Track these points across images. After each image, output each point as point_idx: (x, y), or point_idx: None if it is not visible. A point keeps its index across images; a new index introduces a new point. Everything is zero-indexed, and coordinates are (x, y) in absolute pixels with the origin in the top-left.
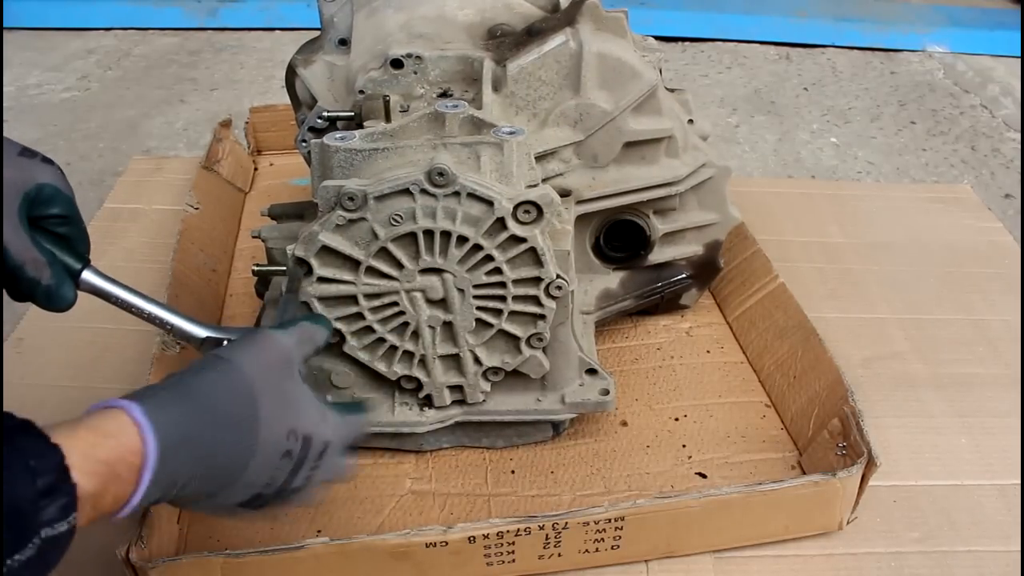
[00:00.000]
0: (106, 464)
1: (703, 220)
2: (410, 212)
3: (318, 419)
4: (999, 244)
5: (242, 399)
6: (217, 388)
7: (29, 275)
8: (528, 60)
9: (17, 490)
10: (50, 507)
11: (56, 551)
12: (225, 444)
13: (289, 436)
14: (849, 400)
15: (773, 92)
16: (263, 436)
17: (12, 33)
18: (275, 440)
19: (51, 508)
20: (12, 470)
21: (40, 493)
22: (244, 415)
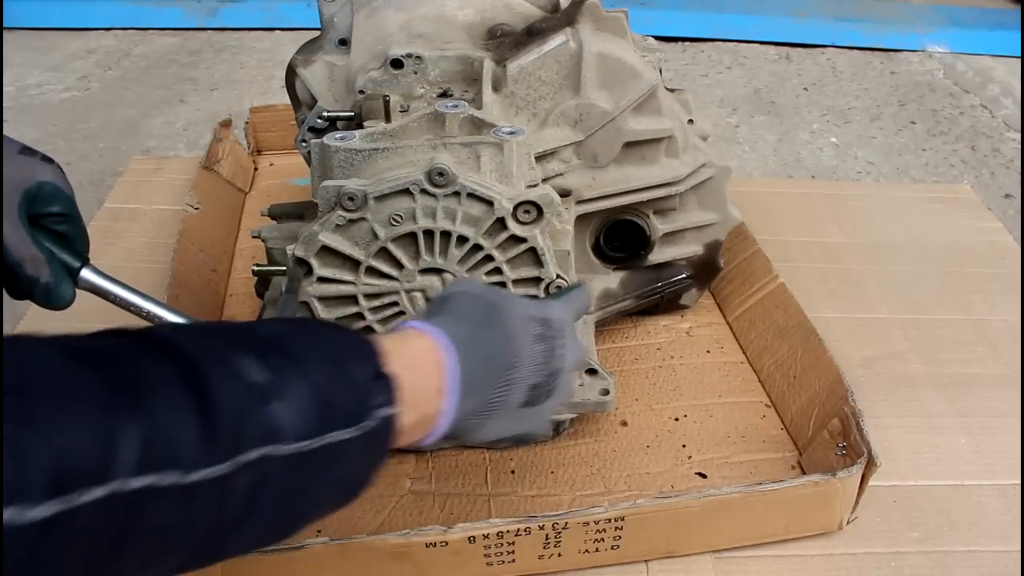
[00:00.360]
0: (413, 358)
1: (703, 220)
2: (410, 212)
3: (542, 305)
4: (999, 244)
5: (482, 304)
6: (462, 303)
7: (28, 273)
8: (528, 60)
9: (353, 370)
10: (379, 391)
11: (388, 432)
12: (488, 341)
13: (530, 323)
14: (849, 400)
15: (773, 92)
16: (513, 327)
17: (12, 33)
18: (522, 327)
19: (380, 392)
20: (348, 355)
21: (371, 377)
22: (491, 316)
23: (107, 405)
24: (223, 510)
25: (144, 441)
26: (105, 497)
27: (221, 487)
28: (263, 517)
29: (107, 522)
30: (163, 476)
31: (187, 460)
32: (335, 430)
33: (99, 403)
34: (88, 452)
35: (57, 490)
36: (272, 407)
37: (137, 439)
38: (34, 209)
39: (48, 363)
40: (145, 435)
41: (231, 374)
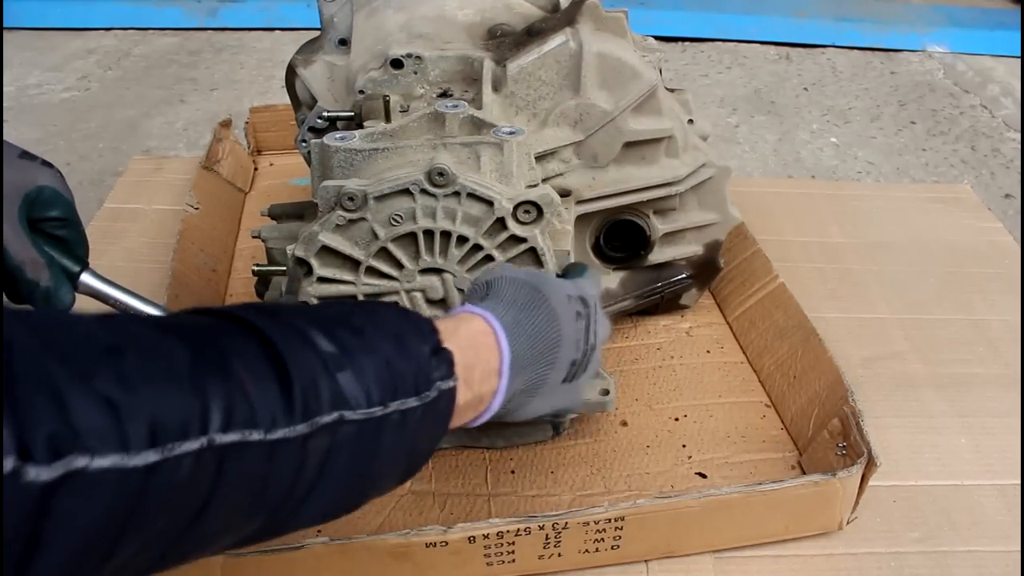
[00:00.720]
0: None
1: (703, 220)
2: (410, 212)
3: (577, 284)
4: (999, 244)
5: (526, 287)
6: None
7: (28, 276)
8: (528, 60)
9: (414, 345)
10: (440, 364)
11: (449, 403)
12: (535, 323)
13: (570, 302)
14: (849, 400)
15: (773, 92)
16: (556, 307)
17: (12, 33)
18: (564, 306)
19: (441, 365)
20: (409, 330)
21: (431, 351)
22: (535, 298)
23: (194, 368)
24: (301, 471)
25: (229, 401)
26: (198, 450)
27: (300, 447)
28: (335, 483)
29: (200, 473)
30: (248, 433)
31: (268, 420)
32: (400, 398)
33: (187, 367)
34: (180, 409)
35: (154, 441)
36: (342, 376)
37: (223, 400)
38: (34, 213)
39: (139, 330)
40: (230, 396)
41: (305, 344)
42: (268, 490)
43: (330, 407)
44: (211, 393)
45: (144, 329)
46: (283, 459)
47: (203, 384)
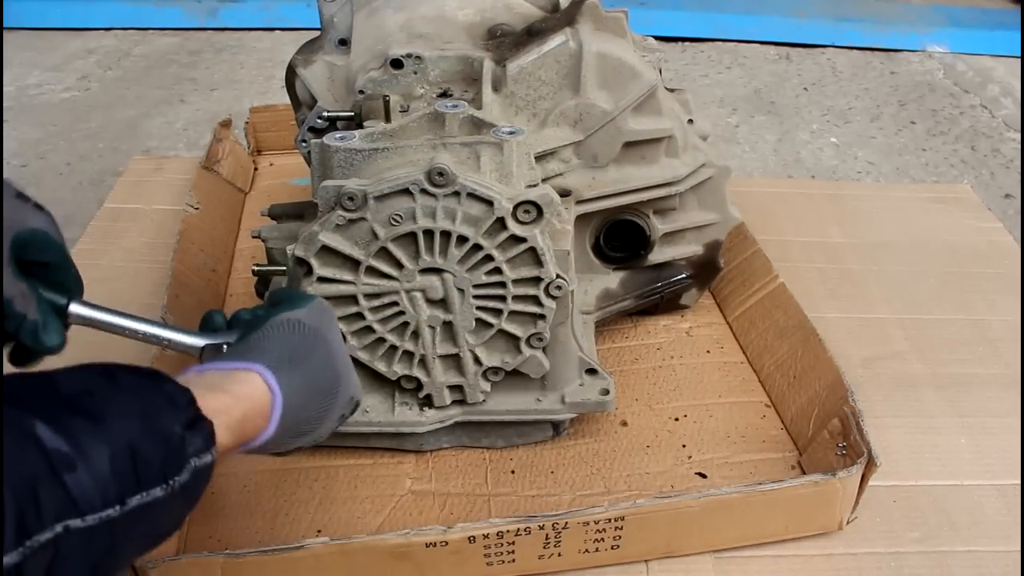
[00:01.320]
0: (240, 422)
1: (703, 220)
2: (410, 212)
3: (358, 383)
4: (999, 244)
5: (332, 373)
6: (318, 363)
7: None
8: (528, 60)
9: (165, 423)
10: (196, 438)
11: (203, 481)
12: (313, 411)
13: (349, 402)
14: (849, 400)
15: (773, 92)
16: (338, 403)
17: (12, 33)
18: (342, 407)
19: (196, 439)
20: (160, 406)
21: (185, 426)
22: (332, 388)
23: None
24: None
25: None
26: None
27: (17, 567)
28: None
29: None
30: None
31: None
32: (143, 490)
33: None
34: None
35: None
36: (71, 477)
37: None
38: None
39: None
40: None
41: (26, 444)
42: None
43: (53, 519)
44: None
45: None
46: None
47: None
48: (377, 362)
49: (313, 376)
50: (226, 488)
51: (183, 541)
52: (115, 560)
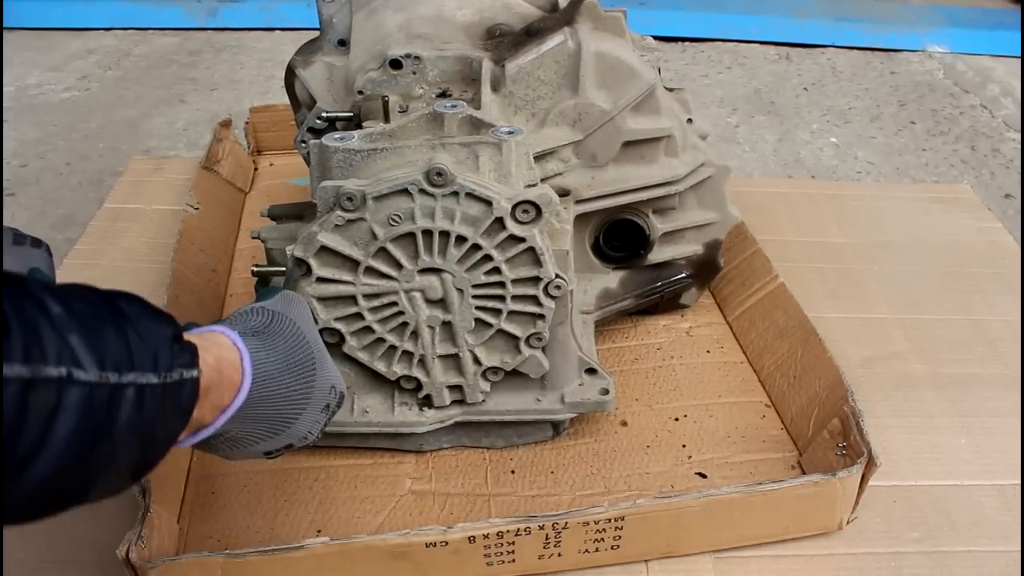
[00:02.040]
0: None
1: (703, 219)
2: (409, 212)
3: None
4: (999, 244)
5: (305, 351)
6: (289, 339)
7: None
8: (527, 60)
9: (157, 327)
10: (182, 352)
11: (191, 395)
12: (290, 390)
13: (331, 391)
14: (849, 400)
15: (773, 92)
16: (318, 387)
17: (12, 33)
18: (323, 394)
19: (184, 353)
20: (150, 316)
21: (173, 338)
22: (307, 366)
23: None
24: (22, 424)
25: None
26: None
27: (19, 394)
28: (61, 451)
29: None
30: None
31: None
32: (137, 371)
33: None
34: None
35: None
36: (72, 336)
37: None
38: None
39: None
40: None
41: (32, 303)
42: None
43: (56, 361)
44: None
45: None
46: (9, 398)
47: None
48: (377, 362)
49: (284, 350)
50: (226, 488)
51: (183, 541)
52: (112, 442)
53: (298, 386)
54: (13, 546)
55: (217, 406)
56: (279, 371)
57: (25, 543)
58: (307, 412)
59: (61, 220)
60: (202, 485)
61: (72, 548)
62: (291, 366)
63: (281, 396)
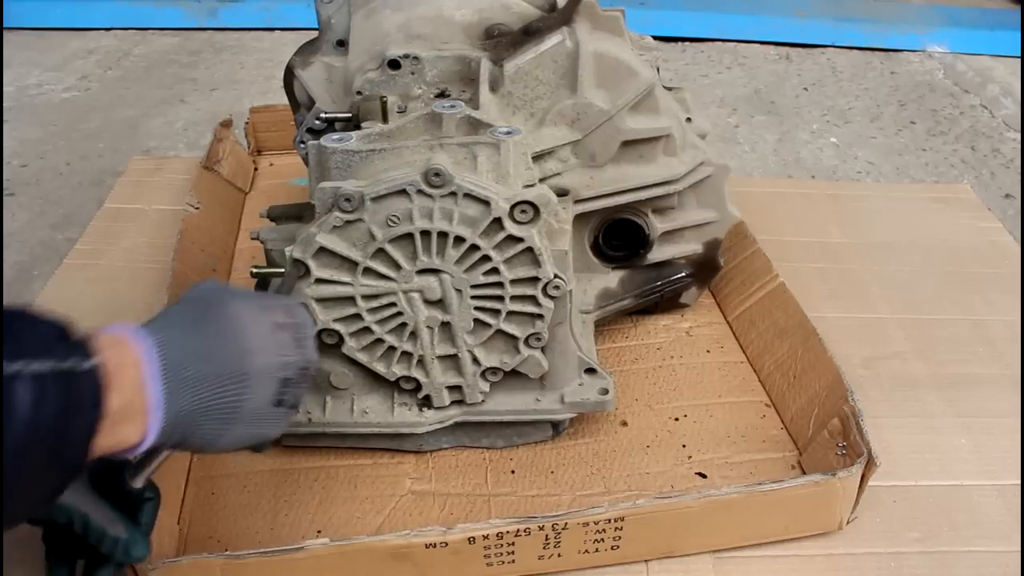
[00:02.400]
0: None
1: (702, 218)
2: (407, 213)
3: (278, 297)
4: (999, 244)
5: (194, 303)
6: (176, 307)
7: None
8: (525, 60)
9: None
10: (74, 347)
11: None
12: (203, 337)
13: (264, 311)
14: (849, 400)
15: (773, 92)
16: (236, 319)
17: (12, 33)
18: (251, 317)
19: (75, 347)
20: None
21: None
22: (207, 313)
23: None
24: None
25: None
26: None
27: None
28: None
29: None
30: None
31: None
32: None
33: None
34: None
35: None
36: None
37: None
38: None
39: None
40: None
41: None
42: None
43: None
44: None
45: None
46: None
47: None
48: (376, 363)
49: (202, 333)
50: (226, 488)
51: (183, 541)
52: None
53: (225, 364)
54: (13, 547)
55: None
56: (197, 350)
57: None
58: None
59: (61, 220)
60: (202, 486)
61: None
62: (213, 346)
63: (206, 377)
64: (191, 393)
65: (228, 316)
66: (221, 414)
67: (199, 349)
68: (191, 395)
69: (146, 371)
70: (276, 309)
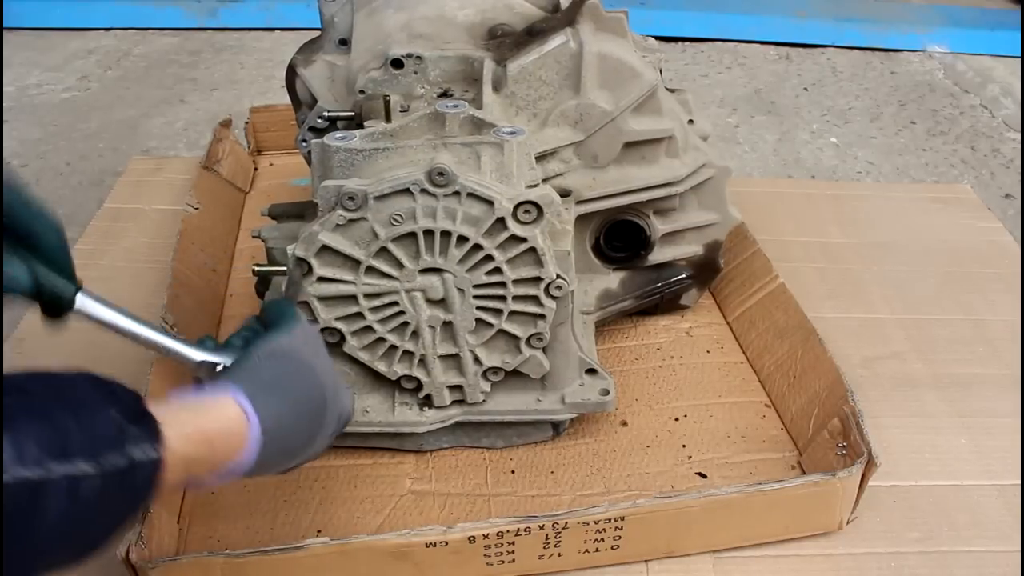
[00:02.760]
0: (203, 436)
1: (703, 220)
2: (410, 212)
3: (348, 399)
4: (999, 244)
5: (318, 400)
6: (303, 389)
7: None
8: (528, 60)
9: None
10: (136, 429)
11: (145, 477)
12: (302, 433)
13: (339, 419)
14: (849, 400)
15: (773, 92)
16: (326, 424)
17: (12, 33)
18: (331, 426)
19: (137, 429)
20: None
21: (125, 416)
22: (318, 413)
23: None
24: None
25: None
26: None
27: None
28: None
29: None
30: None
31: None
32: (69, 461)
33: None
34: None
35: None
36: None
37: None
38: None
39: None
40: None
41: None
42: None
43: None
44: None
45: None
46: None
47: None
48: (377, 362)
49: (297, 403)
50: (226, 488)
51: (183, 541)
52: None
53: (308, 431)
54: None
55: (205, 458)
56: (290, 423)
57: None
58: (315, 445)
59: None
60: None
61: None
62: (303, 416)
63: (290, 443)
64: (276, 455)
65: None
66: (285, 458)
67: (293, 418)
68: (274, 456)
69: (238, 459)
70: (340, 419)
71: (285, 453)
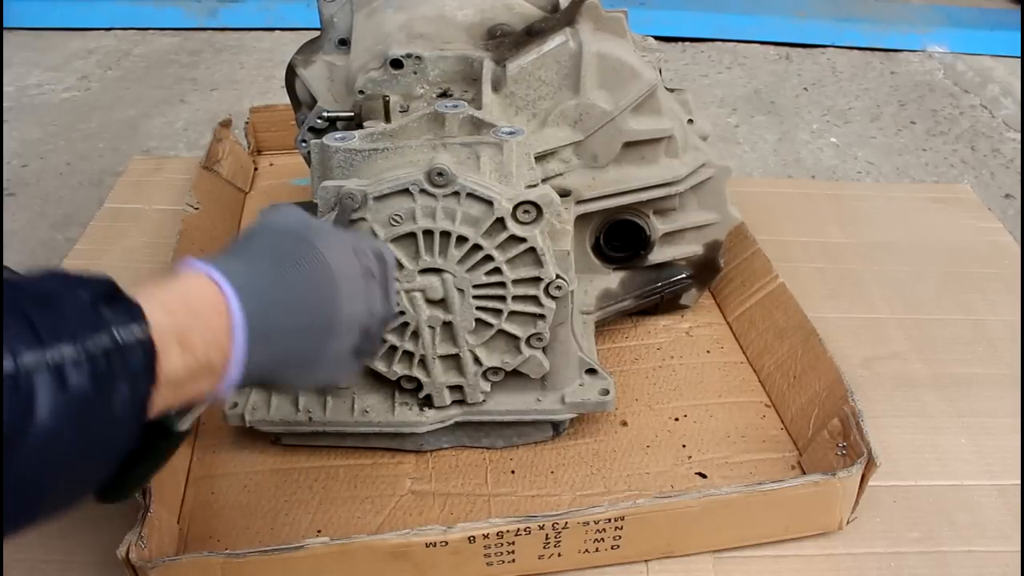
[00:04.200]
0: (180, 301)
1: (703, 220)
2: (410, 212)
3: (369, 238)
4: (999, 244)
5: (287, 237)
6: (259, 237)
7: None
8: (528, 60)
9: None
10: (113, 309)
11: (140, 354)
12: (297, 278)
13: (357, 254)
14: (849, 400)
15: (773, 92)
16: (331, 261)
17: (12, 33)
18: (345, 260)
19: (114, 310)
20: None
21: (97, 297)
22: (299, 250)
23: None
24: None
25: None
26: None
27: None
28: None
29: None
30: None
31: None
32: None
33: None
34: None
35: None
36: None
37: None
38: None
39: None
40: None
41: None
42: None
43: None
44: None
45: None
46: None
47: None
48: (377, 362)
49: (282, 264)
50: (226, 488)
51: (183, 541)
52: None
53: (312, 305)
54: (13, 547)
55: (187, 331)
56: (276, 290)
57: (25, 544)
58: (342, 292)
59: (61, 220)
60: (202, 485)
61: (72, 549)
62: (294, 283)
63: (287, 316)
64: (274, 345)
65: (319, 260)
66: (301, 364)
67: (287, 299)
68: (274, 347)
69: (228, 325)
70: (367, 253)
71: (289, 332)
